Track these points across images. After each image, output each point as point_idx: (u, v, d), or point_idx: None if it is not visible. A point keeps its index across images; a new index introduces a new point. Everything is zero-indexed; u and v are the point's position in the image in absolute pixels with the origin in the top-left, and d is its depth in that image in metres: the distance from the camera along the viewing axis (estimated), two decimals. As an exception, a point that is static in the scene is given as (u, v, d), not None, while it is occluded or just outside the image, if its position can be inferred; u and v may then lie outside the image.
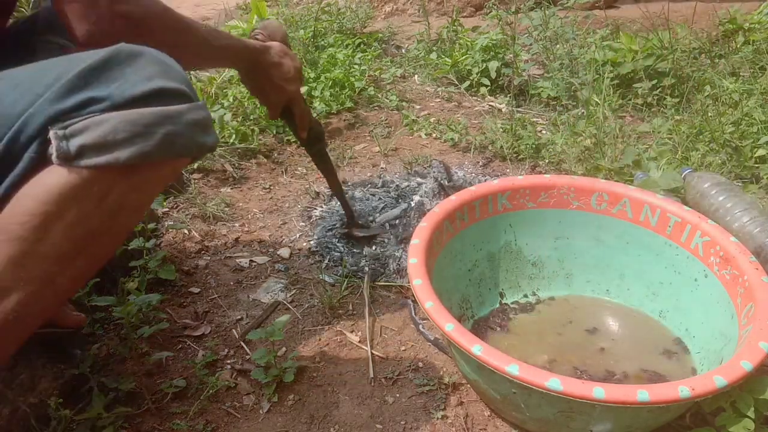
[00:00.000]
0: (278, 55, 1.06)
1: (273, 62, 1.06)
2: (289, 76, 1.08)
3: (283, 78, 1.08)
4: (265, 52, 1.05)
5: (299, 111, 1.16)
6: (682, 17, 2.65)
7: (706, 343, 0.96)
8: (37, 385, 0.88)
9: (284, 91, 1.09)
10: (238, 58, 1.03)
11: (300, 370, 1.01)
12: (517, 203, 1.12)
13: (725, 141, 1.58)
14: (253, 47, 1.03)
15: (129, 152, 0.65)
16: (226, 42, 0.98)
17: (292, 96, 1.12)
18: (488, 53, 2.19)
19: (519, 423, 0.89)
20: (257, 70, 1.06)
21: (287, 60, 1.08)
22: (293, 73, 1.09)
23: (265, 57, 1.05)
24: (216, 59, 1.05)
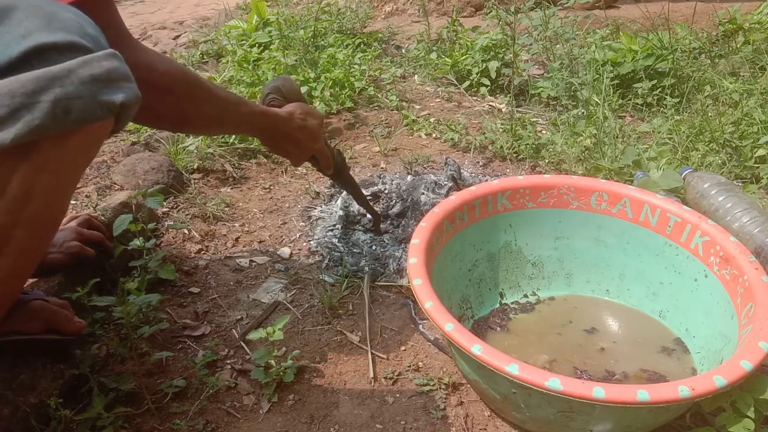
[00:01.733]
0: (301, 119, 1.06)
1: (298, 127, 1.06)
2: (315, 135, 1.09)
3: (309, 139, 1.08)
4: (289, 120, 1.05)
5: (323, 157, 1.17)
6: (682, 17, 2.65)
7: (706, 343, 0.96)
8: (37, 385, 0.88)
9: (311, 150, 1.11)
10: (262, 127, 1.03)
11: (300, 370, 1.01)
12: (517, 203, 1.12)
13: (725, 141, 1.58)
14: (276, 116, 1.03)
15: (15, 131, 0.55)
16: (247, 110, 0.97)
17: (318, 150, 1.13)
18: (488, 53, 2.19)
19: (519, 423, 0.89)
20: (282, 137, 1.06)
21: (310, 120, 1.08)
22: (318, 130, 1.09)
23: (290, 124, 1.05)
24: (236, 128, 1.05)
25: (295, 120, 1.06)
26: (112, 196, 1.40)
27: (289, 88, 1.13)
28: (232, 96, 0.93)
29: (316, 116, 1.09)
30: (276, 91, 1.12)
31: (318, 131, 1.10)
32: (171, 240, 1.33)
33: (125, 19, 0.80)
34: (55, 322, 0.93)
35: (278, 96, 1.12)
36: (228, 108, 0.90)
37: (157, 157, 1.55)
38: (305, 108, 1.09)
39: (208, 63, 2.47)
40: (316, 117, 1.10)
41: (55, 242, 1.08)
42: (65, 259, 1.08)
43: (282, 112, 1.05)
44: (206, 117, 0.89)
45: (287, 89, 1.13)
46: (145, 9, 3.98)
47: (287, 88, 1.13)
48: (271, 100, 1.11)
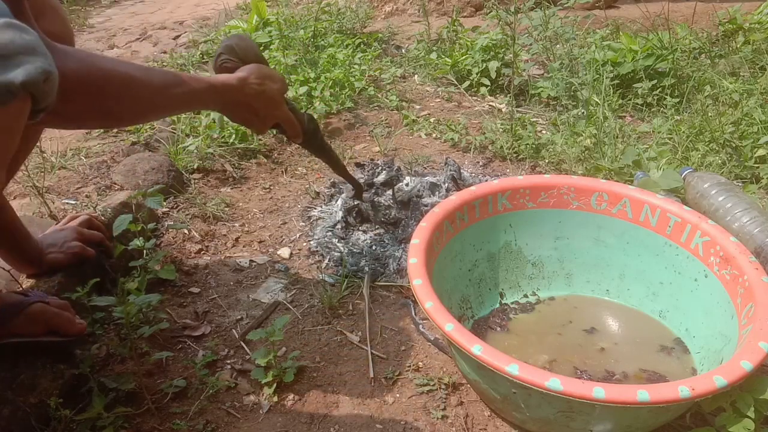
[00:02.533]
0: (257, 84, 0.94)
1: (253, 93, 0.94)
2: (275, 102, 0.98)
3: (268, 106, 0.98)
4: (241, 87, 0.93)
5: (289, 125, 1.07)
6: (682, 17, 2.65)
7: (706, 343, 0.96)
8: (37, 385, 0.88)
9: (272, 117, 1.01)
10: (209, 101, 0.91)
11: (300, 370, 1.01)
12: (517, 203, 1.12)
13: (725, 141, 1.58)
14: (225, 85, 0.91)
15: None
16: (189, 88, 0.85)
17: (281, 117, 1.03)
18: (488, 53, 2.19)
19: (519, 423, 0.89)
20: (236, 107, 0.95)
21: (269, 85, 0.96)
22: (278, 96, 0.99)
23: (244, 92, 0.94)
24: (179, 107, 0.92)
25: (250, 86, 0.94)
26: (112, 196, 1.40)
27: (244, 48, 1.00)
28: (161, 78, 0.81)
29: (275, 79, 0.98)
30: (229, 52, 0.99)
31: (278, 97, 0.99)
32: (171, 240, 1.33)
33: (125, 18, 0.80)
34: (55, 325, 0.94)
35: (231, 57, 0.99)
36: (158, 95, 0.80)
37: (157, 157, 1.55)
38: (262, 71, 0.96)
39: (208, 63, 2.48)
40: (276, 80, 0.98)
41: (56, 242, 1.09)
42: (66, 259, 1.08)
43: (233, 78, 0.92)
44: (132, 111, 0.80)
45: (242, 49, 0.99)
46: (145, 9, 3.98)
47: (242, 47, 1.00)
48: (223, 62, 0.99)
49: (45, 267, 1.07)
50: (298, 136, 1.11)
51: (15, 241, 1.02)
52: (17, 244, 1.03)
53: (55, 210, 1.31)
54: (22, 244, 1.03)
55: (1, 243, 1.01)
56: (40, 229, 1.14)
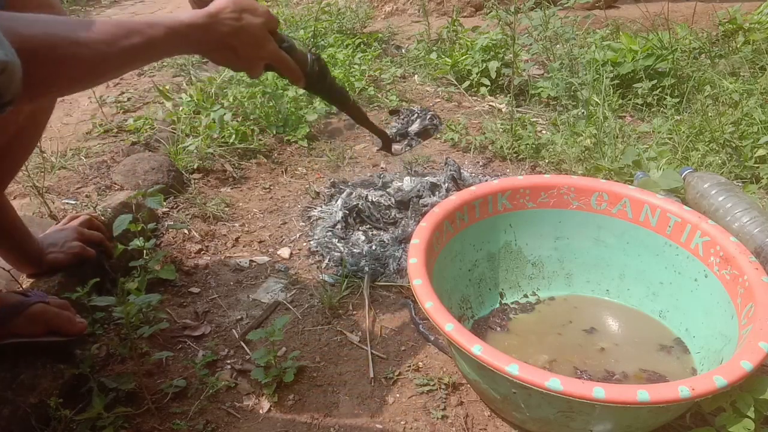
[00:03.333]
0: (233, 19, 0.80)
1: (229, 31, 0.80)
2: (258, 39, 0.83)
3: (250, 45, 0.83)
4: (211, 24, 0.78)
5: (283, 66, 0.92)
6: (682, 17, 2.65)
7: (706, 343, 0.96)
8: (37, 385, 0.88)
9: (258, 58, 0.86)
10: (175, 46, 0.77)
11: (300, 370, 1.01)
12: (517, 203, 1.12)
13: (725, 141, 1.58)
14: (190, 26, 0.76)
15: None
16: (143, 38, 0.71)
17: (269, 57, 0.88)
18: (488, 53, 2.19)
19: (519, 423, 0.89)
20: (211, 48, 0.81)
21: (248, 19, 0.81)
22: (260, 31, 0.83)
23: (216, 29, 0.79)
24: (138, 59, 0.76)
25: (223, 22, 0.79)
26: (112, 196, 1.40)
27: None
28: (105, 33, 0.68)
29: (256, 11, 0.83)
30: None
31: (260, 32, 0.83)
32: (171, 240, 1.33)
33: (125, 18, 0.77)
34: (56, 325, 0.94)
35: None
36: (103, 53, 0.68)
37: (157, 157, 1.55)
38: (240, 2, 0.81)
39: (208, 63, 2.47)
40: (257, 12, 0.83)
41: (57, 242, 1.09)
42: (67, 258, 1.08)
43: (201, 15, 0.78)
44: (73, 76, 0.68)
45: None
46: (145, 9, 3.98)
47: None
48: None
49: (45, 267, 1.07)
50: (299, 79, 0.96)
51: (15, 241, 1.02)
52: (18, 244, 1.03)
53: (55, 210, 1.31)
54: (23, 244, 1.03)
55: (2, 242, 1.01)
56: (40, 229, 1.14)
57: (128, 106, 2.01)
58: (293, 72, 0.94)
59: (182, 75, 2.31)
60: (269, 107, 1.85)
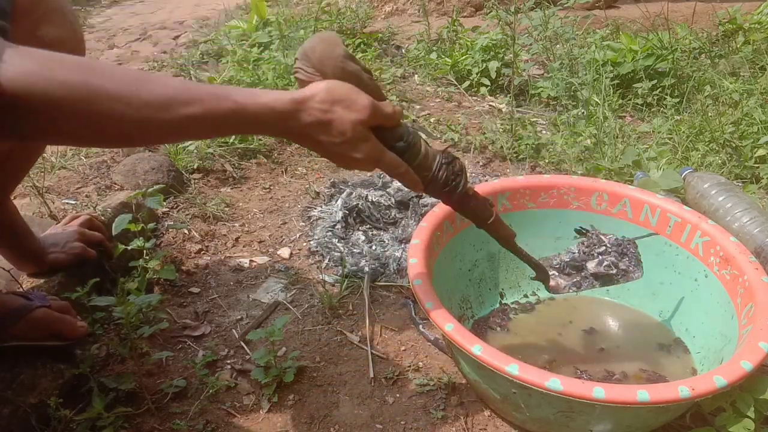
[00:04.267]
0: (320, 110, 0.67)
1: (313, 123, 0.67)
2: (348, 137, 0.69)
3: (338, 143, 0.69)
4: (295, 112, 0.67)
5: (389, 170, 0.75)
6: (682, 17, 2.65)
7: (706, 343, 0.96)
8: (37, 385, 0.88)
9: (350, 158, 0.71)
10: (244, 127, 0.68)
11: (300, 370, 1.01)
12: (517, 203, 1.12)
13: (725, 141, 1.58)
14: (267, 108, 0.66)
15: None
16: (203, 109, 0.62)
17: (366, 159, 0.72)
18: (488, 53, 2.19)
19: (519, 423, 0.89)
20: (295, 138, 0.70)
21: (338, 111, 0.68)
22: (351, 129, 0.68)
23: (298, 119, 0.67)
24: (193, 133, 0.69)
25: (309, 112, 0.67)
26: (112, 196, 1.40)
27: (321, 53, 0.71)
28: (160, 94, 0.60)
29: (353, 105, 0.68)
30: (303, 59, 0.72)
31: (353, 130, 0.68)
32: (171, 240, 1.33)
33: (125, 18, 0.77)
34: (58, 330, 0.94)
35: (304, 67, 0.72)
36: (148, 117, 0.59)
37: (157, 157, 1.55)
38: (335, 91, 0.68)
39: (208, 63, 2.48)
40: (354, 107, 0.68)
41: (58, 242, 1.09)
42: (68, 259, 1.08)
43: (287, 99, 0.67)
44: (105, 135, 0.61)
45: (319, 54, 0.71)
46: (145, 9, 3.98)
47: (319, 52, 0.71)
48: (296, 72, 0.73)
49: (46, 266, 1.07)
50: (414, 186, 0.78)
51: (17, 239, 1.02)
52: (19, 242, 1.03)
53: (55, 210, 1.31)
54: (24, 242, 1.04)
55: (4, 241, 1.01)
56: (40, 229, 1.14)
57: (128, 106, 2.00)
58: (404, 178, 0.76)
59: (182, 75, 2.31)
60: (269, 107, 1.85)
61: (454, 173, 0.80)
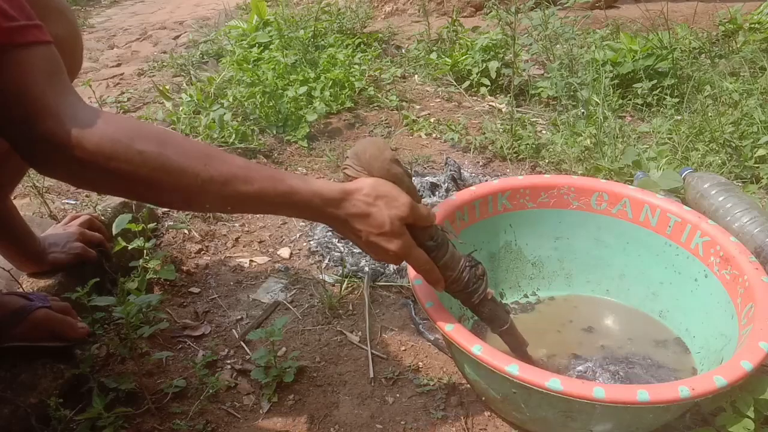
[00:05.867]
0: (364, 202, 0.74)
1: (356, 213, 0.75)
2: (385, 230, 0.75)
3: (376, 234, 0.75)
4: (341, 201, 0.74)
5: (415, 265, 0.82)
6: (682, 17, 2.65)
7: (706, 343, 0.96)
8: (37, 385, 0.88)
9: (383, 250, 0.77)
10: (295, 210, 0.74)
11: (300, 370, 1.01)
12: (517, 203, 1.12)
13: (725, 141, 1.58)
14: (317, 192, 0.73)
15: None
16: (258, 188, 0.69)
17: (399, 252, 0.77)
18: (488, 53, 2.20)
19: (519, 423, 0.89)
20: (336, 225, 0.77)
21: (380, 206, 0.75)
22: (388, 224, 0.75)
23: (343, 208, 0.74)
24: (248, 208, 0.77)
25: (353, 203, 0.74)
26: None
27: (371, 155, 0.78)
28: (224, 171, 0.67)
29: (394, 202, 0.75)
30: (354, 158, 0.79)
31: (390, 224, 0.75)
32: (171, 240, 1.33)
33: (125, 18, 0.77)
34: (59, 331, 0.94)
35: (354, 165, 0.79)
36: (212, 191, 0.66)
37: (157, 157, 1.55)
38: (380, 188, 0.76)
39: (208, 63, 2.48)
40: (395, 204, 0.75)
41: (58, 242, 1.09)
42: (68, 259, 1.08)
43: (336, 189, 0.75)
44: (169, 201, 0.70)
45: (368, 155, 0.78)
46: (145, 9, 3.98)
47: (369, 153, 0.78)
48: (345, 167, 0.80)
49: (46, 266, 1.07)
50: (435, 283, 0.84)
51: (17, 239, 1.02)
52: (19, 242, 1.03)
53: (55, 210, 1.31)
54: (24, 242, 1.04)
55: (3, 240, 1.01)
56: (40, 229, 1.14)
57: (128, 106, 2.01)
58: (428, 275, 0.83)
59: (182, 75, 2.31)
60: (269, 107, 1.85)
61: (477, 276, 0.85)
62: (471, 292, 0.85)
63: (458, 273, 0.83)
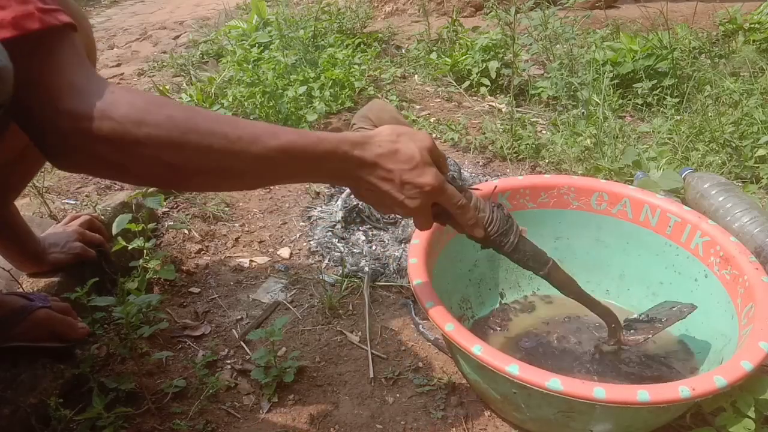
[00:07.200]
0: (389, 140, 0.73)
1: (384, 152, 0.72)
2: (416, 162, 0.73)
3: (407, 169, 0.72)
4: (369, 144, 0.72)
5: (452, 202, 0.77)
6: (682, 17, 2.66)
7: (706, 343, 0.96)
8: (37, 385, 0.88)
9: (414, 187, 0.73)
10: (328, 167, 0.71)
11: (300, 370, 1.01)
12: (517, 203, 1.12)
13: (725, 141, 1.58)
14: (342, 139, 0.71)
15: None
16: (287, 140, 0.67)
17: (432, 185, 0.74)
18: (488, 53, 2.20)
19: (519, 423, 0.89)
20: (365, 173, 0.73)
21: (405, 142, 0.73)
22: (418, 155, 0.73)
23: (370, 150, 0.72)
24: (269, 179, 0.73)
25: (378, 142, 0.72)
26: (112, 196, 1.40)
27: (378, 110, 0.81)
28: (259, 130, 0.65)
29: (415, 136, 0.74)
30: (362, 119, 0.81)
31: (419, 155, 0.73)
32: (171, 240, 1.33)
33: (125, 18, 0.77)
34: (59, 331, 0.94)
35: (364, 125, 0.80)
36: (242, 151, 0.64)
37: (157, 157, 1.55)
38: (399, 128, 0.75)
39: (208, 63, 2.48)
40: (416, 138, 0.74)
41: (58, 242, 1.09)
42: (68, 259, 1.08)
43: (357, 135, 0.73)
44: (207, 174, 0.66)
45: (376, 111, 0.81)
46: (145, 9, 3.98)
47: (375, 109, 0.81)
48: (355, 131, 0.81)
49: (46, 266, 1.07)
50: (476, 225, 0.80)
51: (17, 239, 1.03)
52: (19, 242, 1.03)
53: (55, 210, 1.31)
54: (24, 242, 1.04)
55: (3, 240, 1.01)
56: (40, 229, 1.14)
57: (128, 106, 2.00)
58: (463, 211, 0.78)
59: (182, 75, 2.31)
60: (269, 107, 1.85)
61: (506, 215, 0.82)
62: (506, 232, 0.81)
63: (489, 213, 0.80)
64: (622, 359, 0.98)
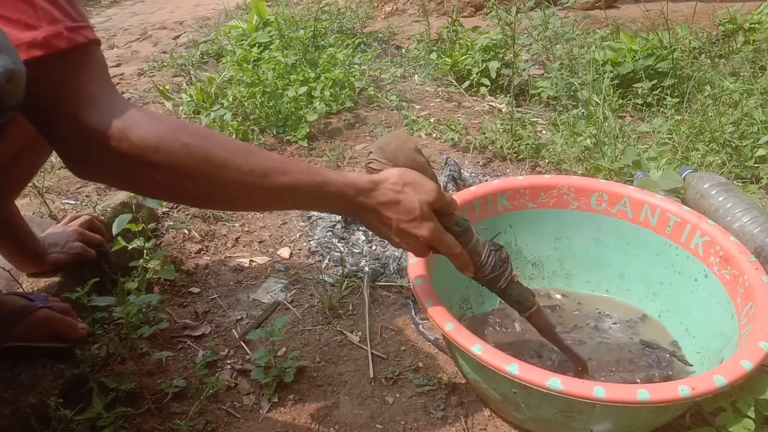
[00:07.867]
0: (393, 190, 0.77)
1: (385, 201, 0.77)
2: (415, 215, 0.77)
3: (406, 220, 0.77)
4: (374, 190, 0.76)
5: (444, 249, 0.82)
6: (682, 17, 2.66)
7: (706, 343, 0.96)
8: (37, 385, 0.88)
9: (412, 235, 0.78)
10: (325, 202, 0.76)
11: (300, 370, 1.01)
12: (517, 203, 1.12)
13: (725, 141, 1.58)
14: (348, 183, 0.75)
15: None
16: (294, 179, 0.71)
17: (428, 236, 0.79)
18: (488, 53, 2.20)
19: (519, 423, 0.89)
20: (364, 214, 0.78)
21: (408, 192, 0.77)
22: (417, 209, 0.77)
23: (373, 197, 0.76)
24: (282, 202, 0.77)
25: (382, 191, 0.76)
26: (112, 196, 1.40)
27: (395, 147, 0.81)
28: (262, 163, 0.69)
29: (421, 188, 0.78)
30: (378, 152, 0.82)
31: (419, 209, 0.77)
32: (171, 240, 1.33)
33: (125, 18, 0.78)
34: (59, 331, 0.94)
35: (379, 158, 0.82)
36: (251, 182, 0.68)
37: (157, 157, 1.55)
38: (407, 176, 0.78)
39: (208, 63, 2.48)
40: (422, 189, 0.78)
41: (58, 242, 1.09)
42: (68, 259, 1.08)
43: (365, 179, 0.77)
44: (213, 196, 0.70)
45: (393, 148, 0.81)
46: (145, 9, 3.98)
47: (393, 146, 0.81)
48: (369, 162, 0.83)
49: (46, 266, 1.07)
50: (465, 267, 0.85)
51: (17, 239, 1.03)
52: (19, 242, 1.03)
53: (55, 210, 1.31)
54: (24, 242, 1.04)
55: (3, 240, 1.01)
56: (40, 229, 1.14)
57: (128, 106, 2.00)
58: (457, 258, 0.84)
59: (182, 75, 2.31)
60: (269, 107, 1.85)
61: (502, 260, 0.86)
62: (498, 276, 0.86)
63: (485, 257, 0.85)
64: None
